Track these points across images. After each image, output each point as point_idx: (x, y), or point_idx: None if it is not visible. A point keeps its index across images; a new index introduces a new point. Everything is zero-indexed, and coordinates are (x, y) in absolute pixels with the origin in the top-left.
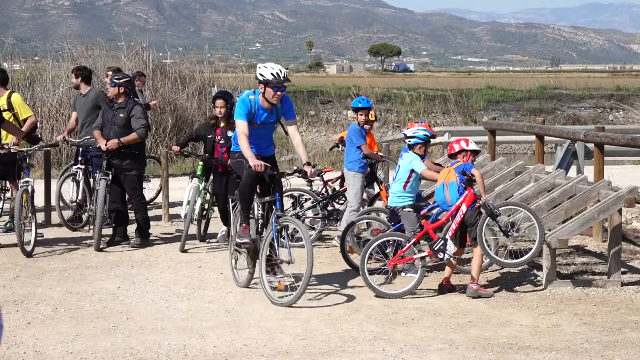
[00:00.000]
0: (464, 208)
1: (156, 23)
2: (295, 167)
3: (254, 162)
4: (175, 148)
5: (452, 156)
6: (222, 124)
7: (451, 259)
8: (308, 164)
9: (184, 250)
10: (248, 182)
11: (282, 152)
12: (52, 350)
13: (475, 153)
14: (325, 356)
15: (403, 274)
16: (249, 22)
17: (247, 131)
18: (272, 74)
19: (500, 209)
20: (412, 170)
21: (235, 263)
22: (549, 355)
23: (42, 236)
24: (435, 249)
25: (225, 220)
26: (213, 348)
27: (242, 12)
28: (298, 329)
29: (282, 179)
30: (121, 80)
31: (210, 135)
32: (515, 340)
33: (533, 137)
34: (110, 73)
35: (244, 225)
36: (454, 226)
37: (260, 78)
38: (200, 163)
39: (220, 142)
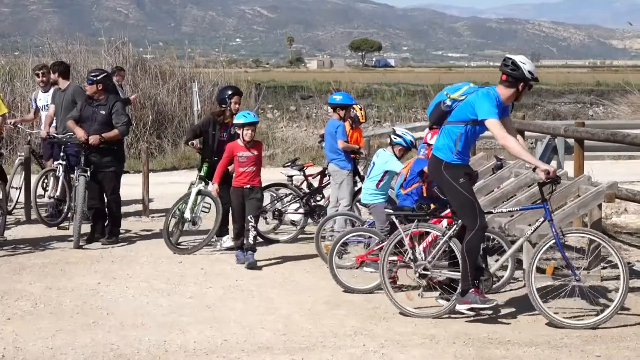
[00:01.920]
0: (445, 223)
1: (136, 18)
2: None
3: (545, 166)
4: (196, 144)
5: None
6: (228, 120)
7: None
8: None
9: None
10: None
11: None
12: (32, 345)
13: None
14: (305, 351)
15: (365, 268)
16: (230, 17)
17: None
18: (530, 71)
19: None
20: (387, 171)
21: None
22: (529, 350)
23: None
24: (406, 259)
25: (223, 229)
26: (193, 343)
27: (223, 7)
28: (279, 324)
29: None
30: (99, 77)
31: (214, 132)
32: (495, 335)
33: None
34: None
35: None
36: (430, 238)
37: (521, 73)
38: (206, 163)
39: (224, 138)
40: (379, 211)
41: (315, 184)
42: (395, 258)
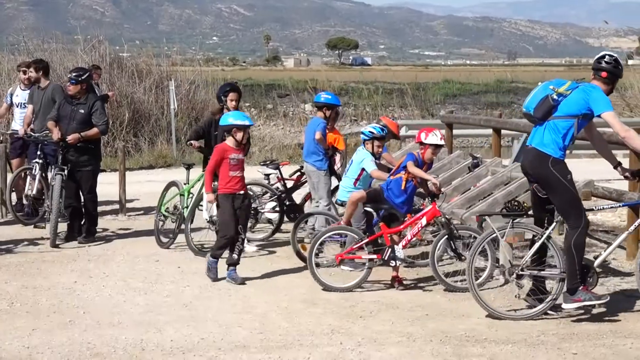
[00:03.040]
0: (423, 222)
1: (113, 16)
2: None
3: None
4: (196, 144)
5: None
6: None
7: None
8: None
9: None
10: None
11: None
12: (8, 345)
13: (436, 147)
14: (282, 350)
15: (342, 266)
16: (207, 15)
17: None
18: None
19: (460, 231)
20: (363, 169)
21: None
22: (506, 347)
23: None
24: (385, 258)
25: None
26: (170, 342)
27: (200, 5)
28: (255, 322)
29: None
30: (83, 77)
31: (216, 132)
32: (472, 333)
33: (490, 131)
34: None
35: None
36: (409, 237)
37: (621, 70)
38: None
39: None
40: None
41: (291, 183)
42: (374, 256)
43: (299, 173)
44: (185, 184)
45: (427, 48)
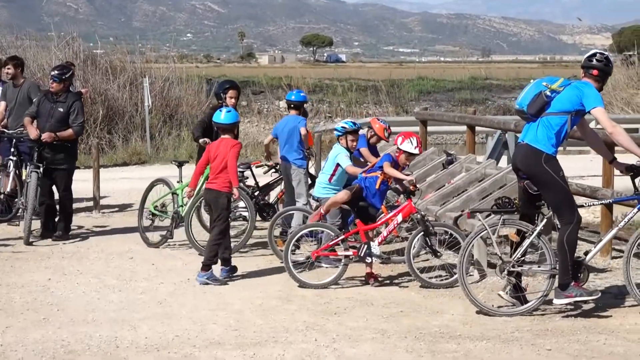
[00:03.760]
0: (399, 218)
1: (87, 13)
2: None
3: None
4: (208, 141)
5: None
6: None
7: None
8: None
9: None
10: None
11: None
12: None
13: (409, 154)
14: (257, 347)
15: (317, 263)
16: (181, 12)
17: None
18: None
19: (436, 228)
20: (338, 164)
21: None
22: (480, 344)
23: None
24: (361, 254)
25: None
26: (145, 339)
27: (174, 2)
28: (230, 319)
29: None
30: (67, 75)
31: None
32: (447, 329)
33: (464, 128)
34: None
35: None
36: (385, 233)
37: (611, 69)
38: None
39: None
40: None
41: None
42: (351, 253)
43: (273, 170)
44: (178, 181)
45: (401, 45)
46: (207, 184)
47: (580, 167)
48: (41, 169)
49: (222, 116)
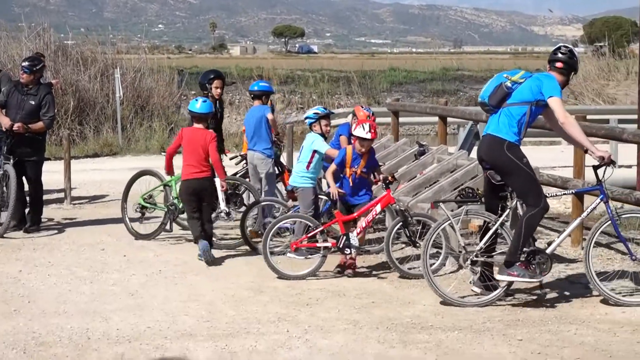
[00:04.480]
0: (378, 208)
1: (57, 4)
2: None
3: (600, 153)
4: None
5: None
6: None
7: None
8: None
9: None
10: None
11: None
12: None
13: (362, 139)
14: (229, 338)
15: (289, 254)
16: (152, 3)
17: None
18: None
19: (415, 219)
20: (315, 151)
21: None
22: (452, 334)
23: None
24: (340, 245)
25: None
26: (116, 331)
27: None
28: (202, 311)
29: None
30: (38, 67)
31: (220, 113)
32: (418, 320)
33: (436, 119)
34: None
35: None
36: (363, 224)
37: (576, 62)
38: None
39: (213, 126)
40: (306, 195)
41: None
42: (329, 244)
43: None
44: (168, 173)
45: (373, 36)
46: (186, 175)
47: (551, 157)
48: (12, 162)
49: (197, 105)
